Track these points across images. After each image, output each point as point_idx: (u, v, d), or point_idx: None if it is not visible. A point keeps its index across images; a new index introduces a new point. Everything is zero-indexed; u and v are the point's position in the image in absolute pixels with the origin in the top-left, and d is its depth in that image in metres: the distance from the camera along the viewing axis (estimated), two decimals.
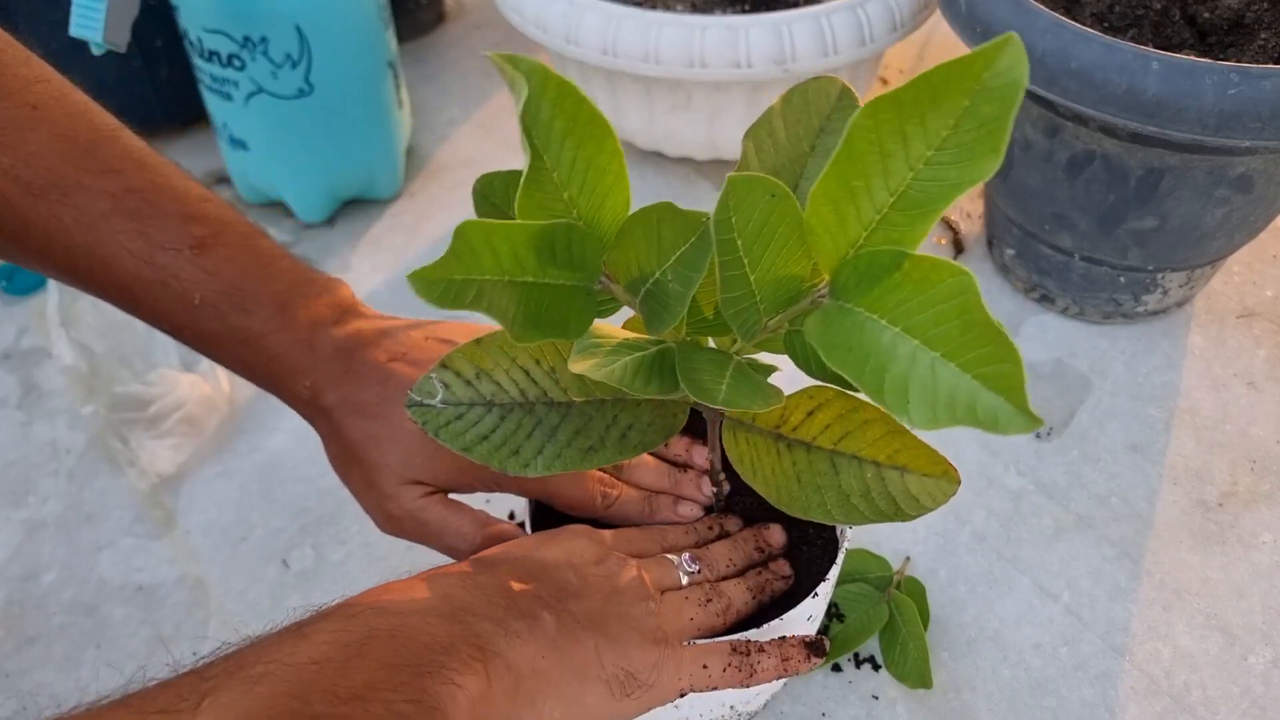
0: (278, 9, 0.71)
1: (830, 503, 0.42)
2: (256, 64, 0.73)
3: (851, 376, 0.31)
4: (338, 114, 0.78)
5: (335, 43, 0.74)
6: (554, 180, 0.35)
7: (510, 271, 0.34)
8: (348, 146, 0.81)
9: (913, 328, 0.30)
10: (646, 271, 0.36)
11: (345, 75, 0.76)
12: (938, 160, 0.31)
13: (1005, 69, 0.29)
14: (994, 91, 0.29)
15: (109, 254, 0.47)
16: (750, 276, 0.34)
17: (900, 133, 0.30)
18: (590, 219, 0.36)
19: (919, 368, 0.29)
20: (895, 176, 0.31)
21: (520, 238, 0.34)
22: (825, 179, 0.32)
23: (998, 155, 0.30)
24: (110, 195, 0.47)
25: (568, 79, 0.34)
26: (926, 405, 0.29)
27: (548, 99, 0.34)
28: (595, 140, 0.35)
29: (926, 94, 0.30)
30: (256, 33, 0.72)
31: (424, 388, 0.42)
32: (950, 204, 0.31)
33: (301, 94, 0.75)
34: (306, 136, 0.78)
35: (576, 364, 0.36)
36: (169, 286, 0.47)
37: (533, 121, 0.34)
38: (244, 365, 0.49)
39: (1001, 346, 0.28)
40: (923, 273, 0.30)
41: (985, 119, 0.30)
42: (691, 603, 0.44)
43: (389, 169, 0.85)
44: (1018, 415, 0.28)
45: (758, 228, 0.33)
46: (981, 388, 0.28)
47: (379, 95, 0.80)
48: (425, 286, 0.32)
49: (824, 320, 0.33)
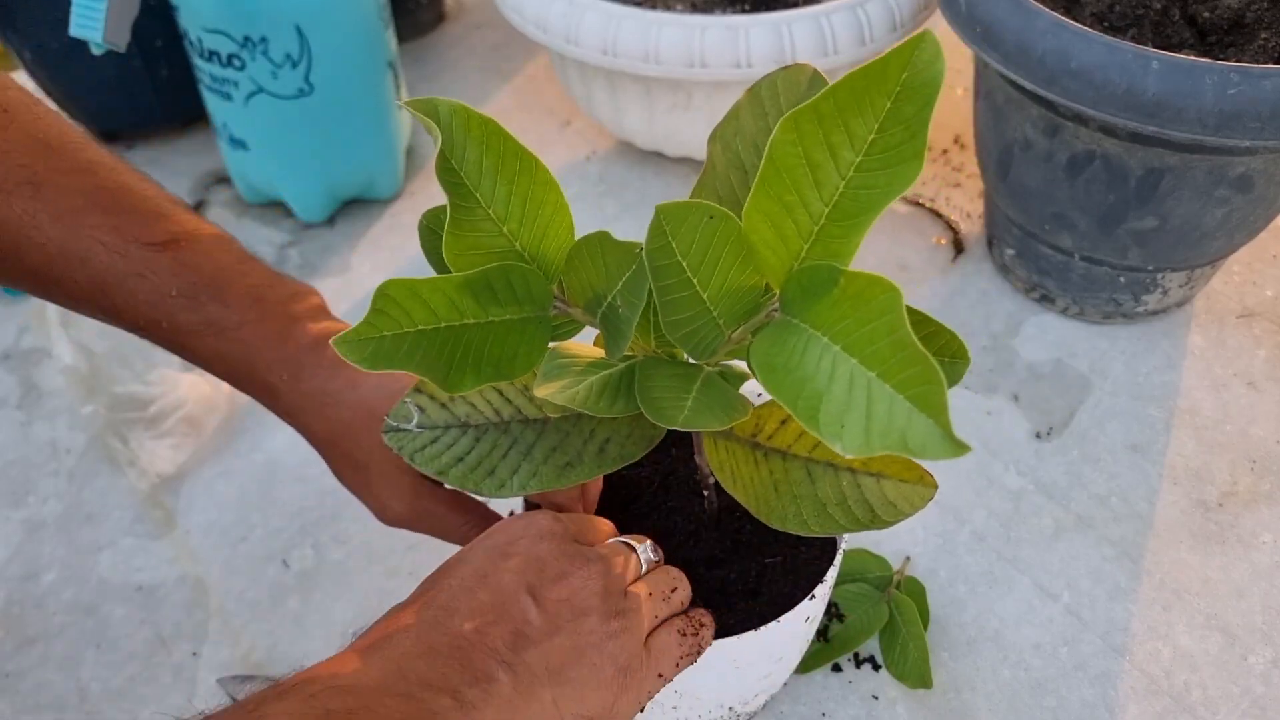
0: (278, 9, 0.71)
1: (806, 513, 0.41)
2: (256, 64, 0.73)
3: (786, 402, 0.30)
4: (338, 114, 0.78)
5: (335, 43, 0.74)
6: (491, 216, 0.35)
7: (447, 318, 0.34)
8: (347, 146, 0.81)
9: (851, 346, 0.30)
10: (600, 293, 0.36)
11: (345, 75, 0.76)
12: (867, 166, 0.31)
13: (923, 66, 0.29)
14: (914, 90, 0.29)
15: (84, 249, 0.47)
16: (704, 294, 0.34)
17: (826, 143, 0.30)
18: (535, 249, 0.37)
19: (856, 390, 0.29)
20: (827, 187, 0.31)
21: (450, 288, 0.34)
22: (756, 196, 0.31)
23: (919, 159, 0.30)
24: (83, 192, 0.47)
25: (489, 117, 0.34)
26: (861, 430, 0.28)
27: (473, 139, 0.34)
28: (527, 173, 0.35)
29: (848, 100, 0.30)
30: (256, 33, 0.72)
31: (399, 413, 0.42)
32: (880, 212, 0.31)
33: (301, 94, 0.75)
34: (306, 136, 0.78)
35: (541, 388, 0.35)
36: (145, 279, 0.47)
37: (460, 162, 0.35)
38: (218, 358, 0.49)
39: (925, 368, 0.27)
40: (857, 289, 0.30)
41: (907, 119, 0.30)
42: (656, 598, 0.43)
43: (389, 169, 0.85)
44: (944, 441, 0.27)
45: (702, 249, 0.33)
46: (915, 410, 0.28)
47: (379, 95, 0.80)
48: (352, 349, 0.32)
49: (772, 337, 0.32)
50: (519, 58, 1.02)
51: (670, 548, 0.48)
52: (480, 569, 0.41)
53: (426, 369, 0.34)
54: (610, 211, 0.84)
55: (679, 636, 0.42)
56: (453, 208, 0.35)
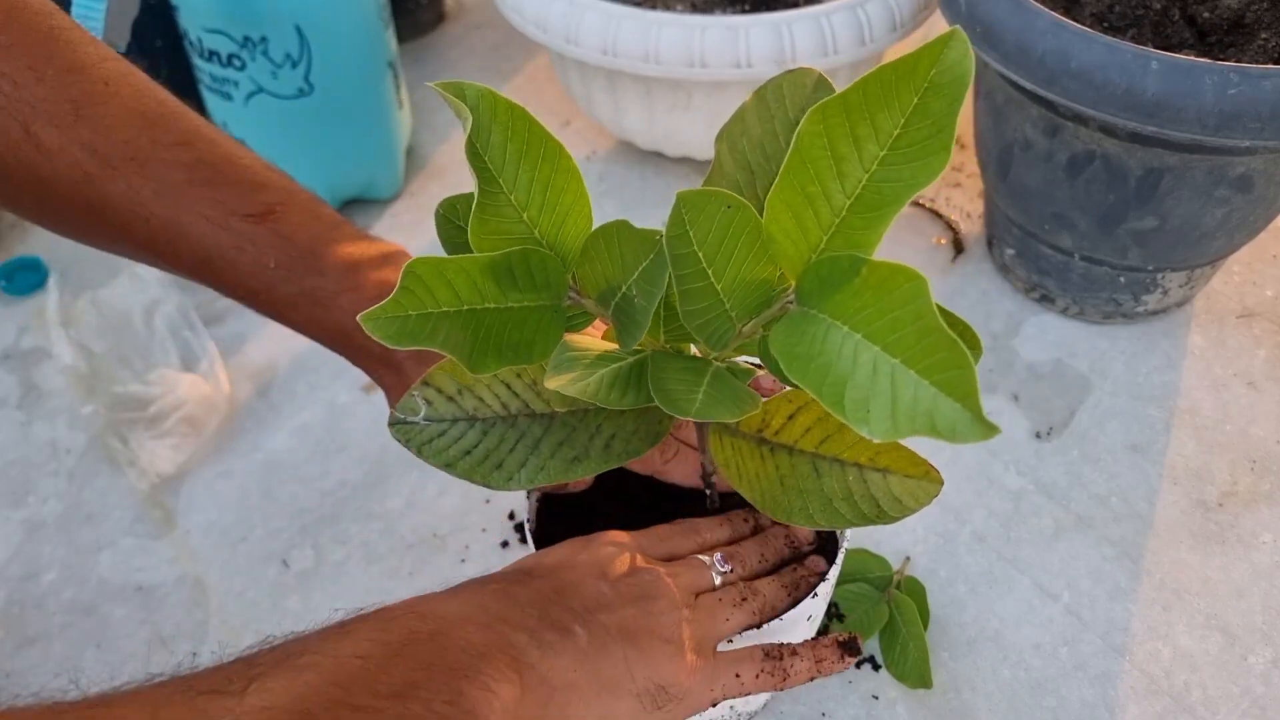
0: (278, 9, 0.71)
1: (813, 507, 0.41)
2: (256, 64, 0.73)
3: (811, 388, 0.30)
4: (338, 114, 0.78)
5: (335, 43, 0.74)
6: (512, 202, 0.35)
7: (469, 301, 0.34)
8: (347, 146, 0.81)
9: (873, 334, 0.30)
10: (614, 284, 0.36)
11: (345, 75, 0.76)
12: (891, 160, 0.31)
13: (952, 63, 0.29)
14: (942, 87, 0.29)
15: (188, 224, 0.48)
16: (717, 285, 0.34)
17: (851, 135, 0.31)
18: (553, 237, 0.37)
19: (880, 376, 0.29)
20: (850, 179, 0.31)
21: (475, 269, 0.34)
22: (780, 187, 0.32)
23: (947, 152, 0.30)
24: (184, 166, 0.47)
25: (517, 103, 0.34)
26: (887, 414, 0.29)
27: (499, 123, 0.34)
28: (550, 160, 0.35)
29: (876, 94, 0.30)
30: (256, 32, 0.72)
31: (407, 405, 0.42)
32: (904, 205, 0.31)
33: (301, 94, 0.75)
34: (306, 136, 0.78)
35: (552, 380, 0.36)
36: (244, 251, 0.48)
37: (485, 146, 0.35)
38: (317, 325, 0.50)
39: (955, 353, 0.28)
40: (880, 278, 0.30)
41: (934, 114, 0.30)
42: (726, 604, 0.43)
43: (389, 169, 0.85)
44: (974, 424, 0.27)
45: (718, 239, 0.33)
46: (940, 395, 0.28)
47: (379, 95, 0.80)
48: (379, 326, 0.33)
49: (789, 327, 0.33)
50: (519, 58, 1.02)
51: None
52: (558, 558, 0.43)
53: (452, 348, 0.34)
54: (610, 211, 0.84)
55: (762, 655, 0.43)
56: (480, 192, 0.35)
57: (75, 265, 0.81)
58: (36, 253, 0.82)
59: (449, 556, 0.62)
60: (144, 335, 0.72)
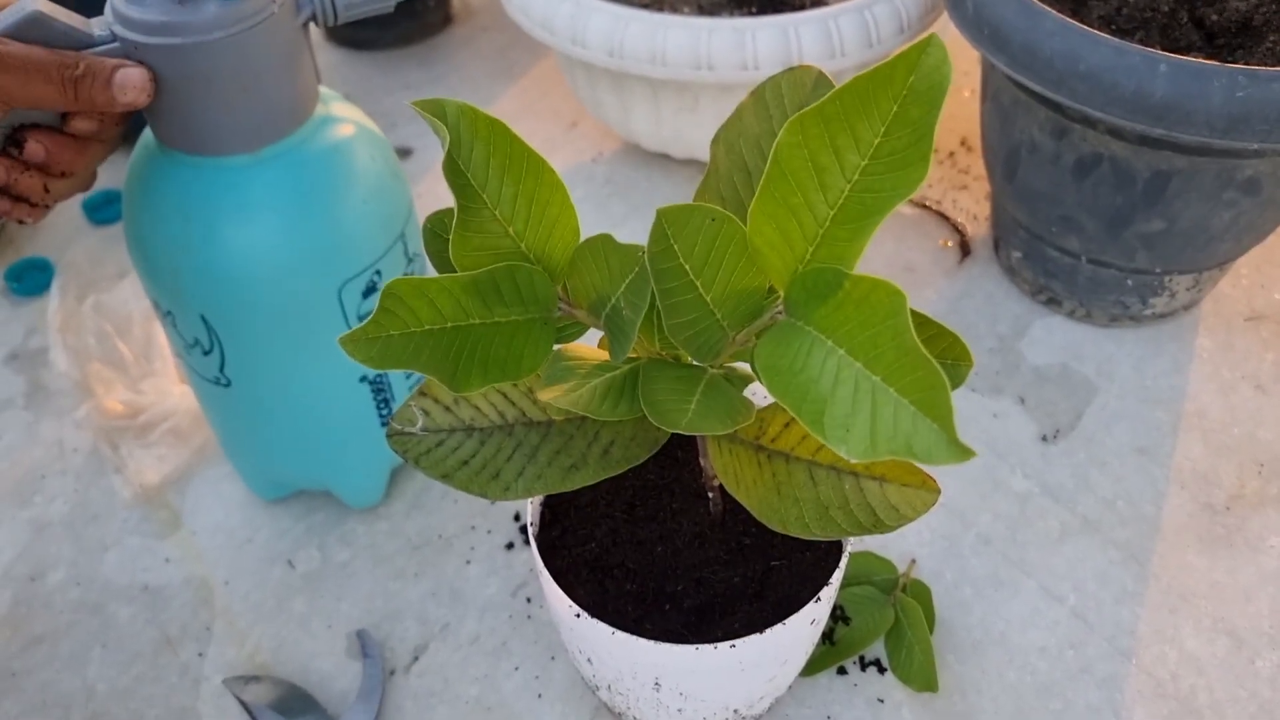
0: (179, 286, 0.51)
1: (808, 515, 0.41)
2: (173, 332, 0.56)
3: (791, 406, 0.30)
4: (262, 410, 0.58)
5: (249, 341, 0.54)
6: (497, 217, 0.35)
7: (453, 318, 0.34)
8: (285, 446, 0.60)
9: (855, 349, 0.30)
10: (604, 295, 0.36)
11: (265, 374, 0.56)
12: (872, 169, 0.31)
13: (930, 70, 0.29)
14: (921, 94, 0.29)
15: None
16: (707, 297, 0.34)
17: (831, 145, 0.30)
18: (539, 250, 0.37)
19: (861, 394, 0.29)
20: (833, 190, 0.31)
21: (456, 288, 0.34)
22: (761, 199, 0.31)
23: (926, 161, 0.30)
24: None
25: (497, 119, 0.34)
26: (866, 434, 0.29)
27: (480, 139, 0.34)
28: (533, 174, 0.35)
29: (853, 103, 0.30)
30: (164, 303, 0.54)
31: (403, 416, 0.42)
32: (887, 215, 0.31)
33: (218, 383, 0.57)
34: (232, 423, 0.61)
35: (545, 392, 0.36)
36: None
37: (467, 163, 0.35)
38: None
39: (929, 373, 0.27)
40: (862, 293, 0.30)
41: (914, 122, 0.30)
42: None
43: (365, 480, 0.64)
44: (949, 446, 0.27)
45: (705, 251, 0.33)
46: (920, 415, 0.28)
47: (347, 409, 0.58)
48: (359, 348, 0.32)
49: (776, 339, 0.32)
50: (526, 60, 1.02)
51: (675, 550, 0.48)
52: None
53: (434, 369, 0.34)
54: (617, 213, 0.84)
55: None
56: (460, 209, 0.35)
57: (82, 267, 0.81)
58: (45, 254, 0.82)
59: (454, 558, 0.62)
60: (142, 343, 0.72)
